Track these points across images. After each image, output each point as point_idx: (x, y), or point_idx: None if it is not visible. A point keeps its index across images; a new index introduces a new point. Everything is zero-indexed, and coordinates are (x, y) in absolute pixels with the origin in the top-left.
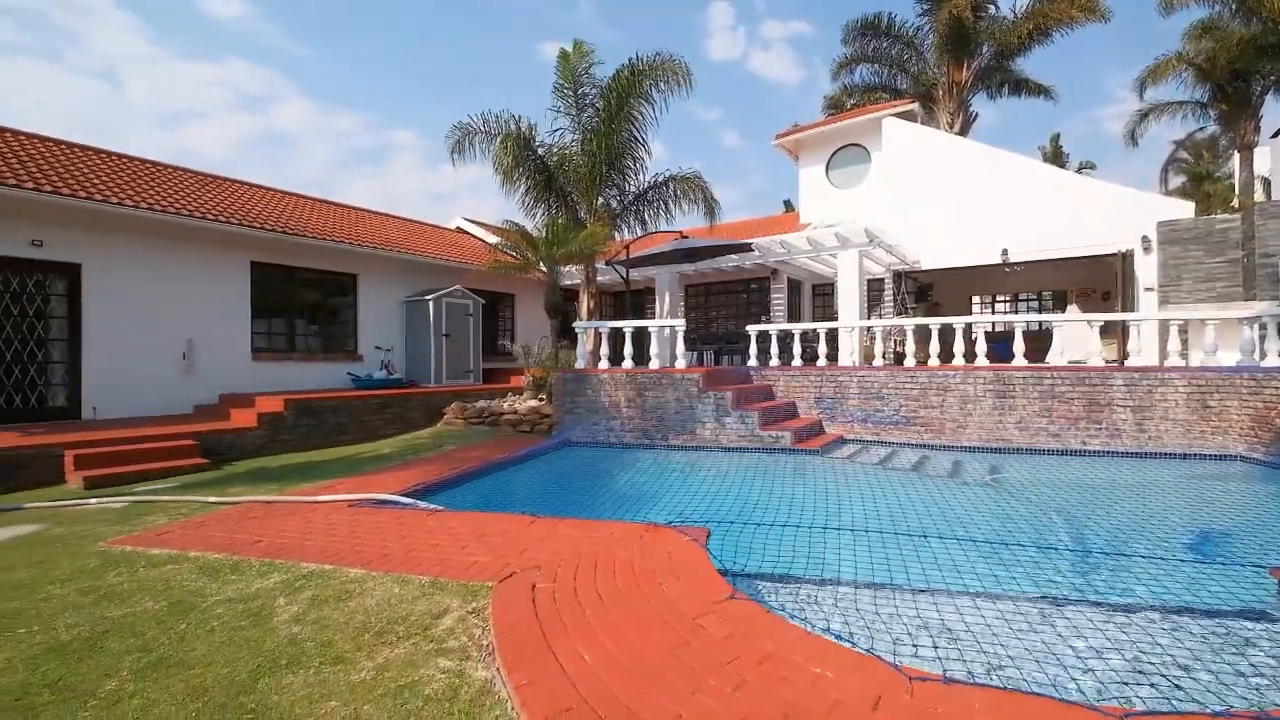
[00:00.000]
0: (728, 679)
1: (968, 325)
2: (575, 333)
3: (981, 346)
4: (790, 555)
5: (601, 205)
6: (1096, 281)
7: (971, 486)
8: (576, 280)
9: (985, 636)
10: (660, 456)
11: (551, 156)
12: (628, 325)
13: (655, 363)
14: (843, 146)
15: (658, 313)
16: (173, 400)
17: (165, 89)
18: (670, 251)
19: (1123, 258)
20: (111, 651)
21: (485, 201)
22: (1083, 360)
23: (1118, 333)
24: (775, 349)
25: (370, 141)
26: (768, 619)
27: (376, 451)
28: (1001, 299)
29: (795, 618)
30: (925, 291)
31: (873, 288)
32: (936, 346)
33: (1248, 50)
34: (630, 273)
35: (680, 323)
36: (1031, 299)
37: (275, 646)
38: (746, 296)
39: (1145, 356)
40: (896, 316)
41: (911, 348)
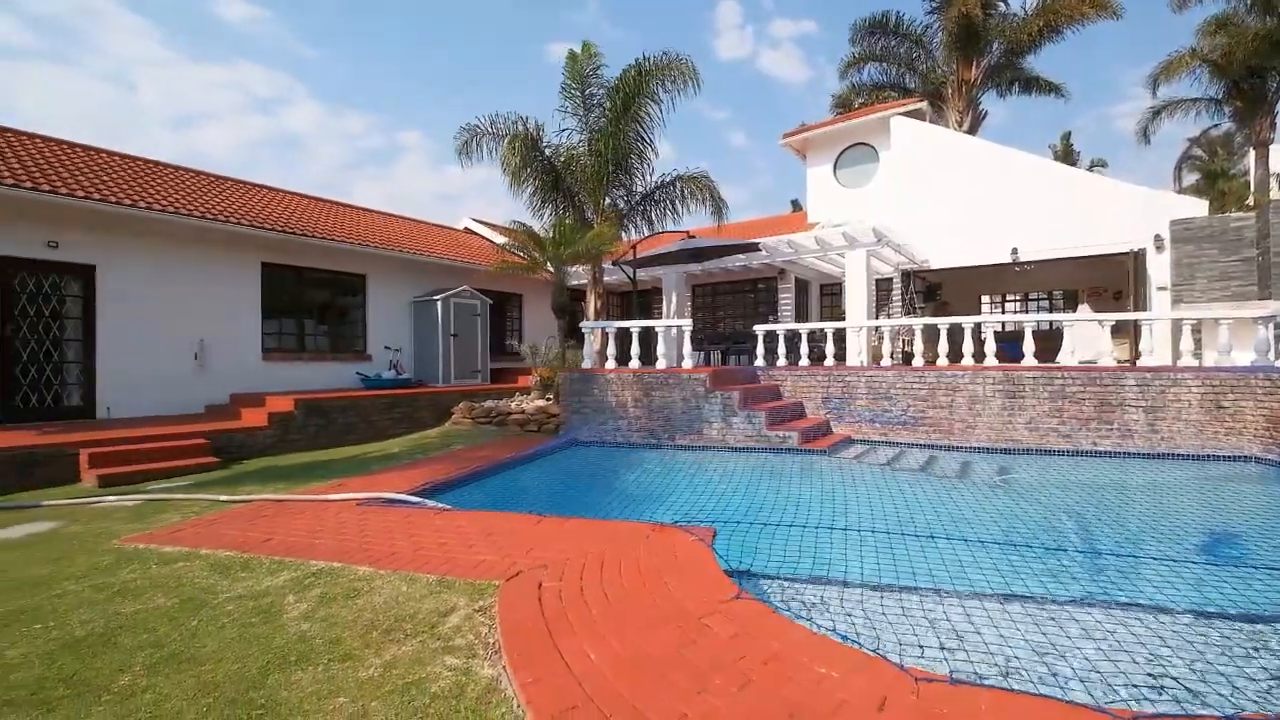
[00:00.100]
0: (733, 678)
1: (977, 325)
2: (582, 333)
3: (991, 346)
4: (797, 555)
5: (609, 205)
6: (1108, 281)
7: (980, 487)
8: (584, 280)
9: (993, 638)
10: (667, 456)
11: (559, 157)
12: (635, 325)
13: (662, 362)
14: (850, 146)
15: (665, 313)
16: (185, 400)
17: (177, 92)
18: (677, 251)
19: (1135, 257)
20: (125, 647)
21: (493, 203)
22: (1094, 360)
23: (1130, 332)
24: (783, 349)
25: (378, 143)
26: (773, 619)
27: (385, 451)
28: (1011, 298)
29: (801, 618)
30: (934, 291)
31: (881, 287)
32: (945, 346)
33: (1264, 46)
34: (637, 273)
35: (687, 323)
36: (1042, 298)
37: (285, 643)
38: (754, 296)
39: (1158, 356)
40: (905, 316)
41: (920, 347)
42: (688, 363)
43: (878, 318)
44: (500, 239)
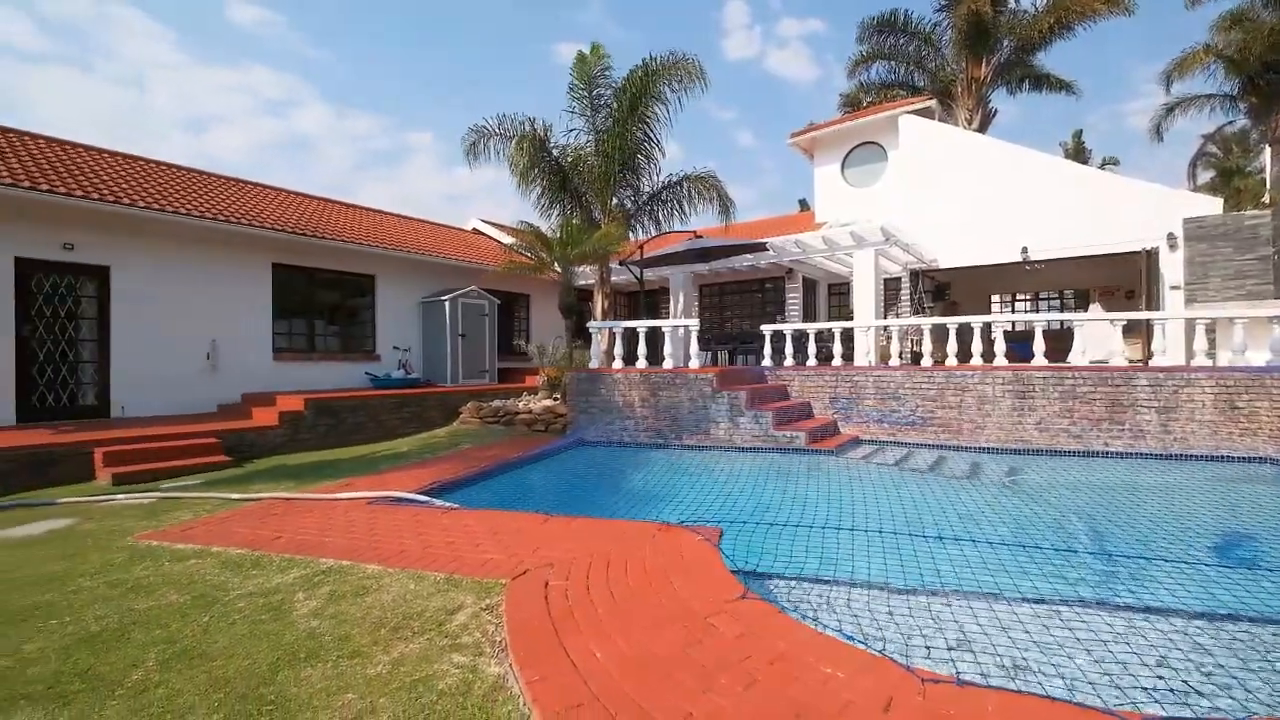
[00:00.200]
0: (739, 678)
1: (986, 325)
2: (589, 333)
3: (1000, 346)
4: (804, 556)
5: (616, 205)
6: (1120, 280)
7: (989, 488)
8: (591, 280)
9: (1001, 640)
10: (674, 456)
11: (566, 157)
12: (642, 325)
13: (669, 362)
14: (858, 145)
15: (672, 312)
16: (197, 399)
17: (188, 95)
18: (684, 251)
19: (1147, 255)
20: (138, 643)
21: (501, 204)
22: (1105, 360)
23: (1142, 332)
24: (790, 349)
25: (386, 144)
26: (780, 619)
27: (394, 450)
28: (1021, 298)
29: (808, 618)
30: (943, 290)
31: (889, 287)
32: (954, 346)
33: None
34: (644, 273)
35: (694, 322)
36: (1053, 298)
37: (294, 640)
38: (761, 296)
39: (1171, 356)
40: (913, 316)
41: (929, 347)
42: (694, 363)
43: (886, 317)
44: (508, 239)
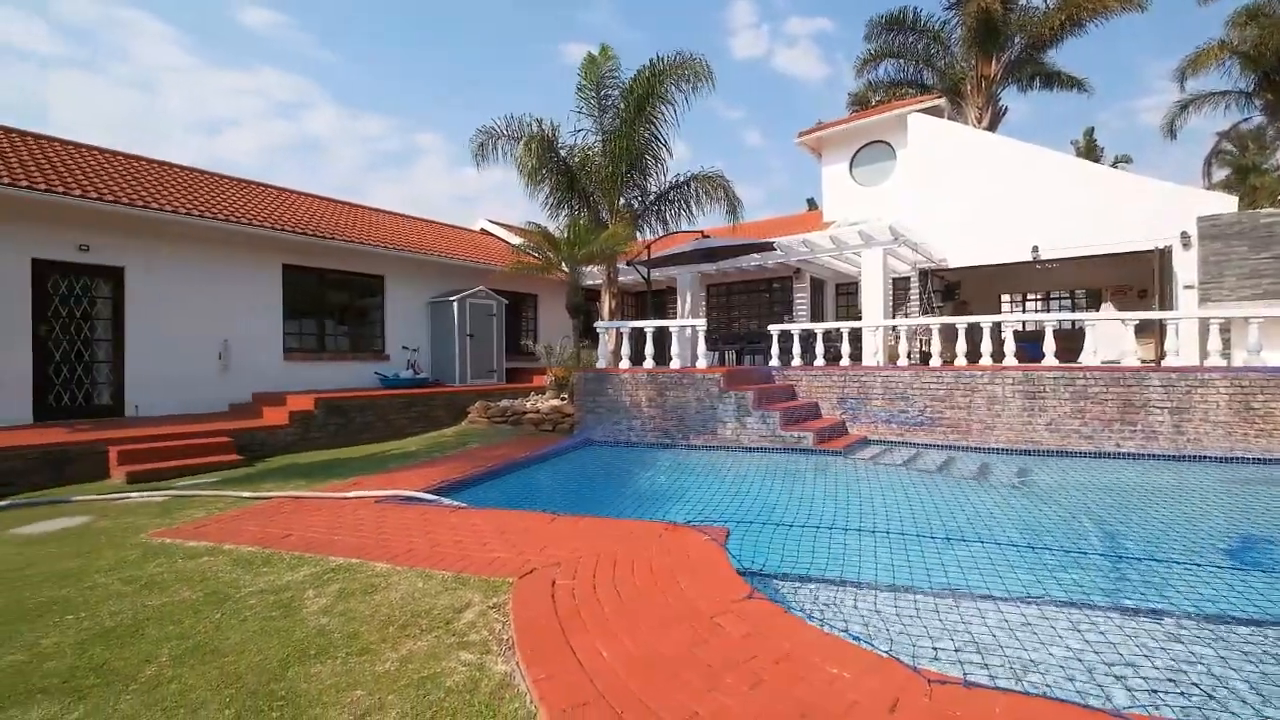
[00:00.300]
0: (744, 677)
1: (996, 324)
2: (597, 333)
3: (1010, 346)
4: (810, 556)
5: (623, 205)
6: (1133, 279)
7: (998, 489)
8: (598, 280)
9: (1009, 641)
10: (680, 456)
11: (574, 158)
12: (649, 325)
13: (676, 362)
14: (867, 144)
15: (679, 312)
16: (209, 399)
17: (200, 97)
18: (692, 251)
19: (1160, 254)
20: (151, 638)
21: (510, 204)
22: (1117, 360)
23: (1155, 332)
24: (798, 349)
25: (395, 145)
26: (786, 619)
27: (402, 449)
28: (1032, 297)
29: (814, 618)
30: (952, 290)
31: (898, 286)
32: (963, 346)
33: None
34: (651, 273)
35: (701, 322)
36: (1064, 297)
37: (304, 637)
38: (769, 296)
39: (1184, 356)
40: (922, 316)
41: (937, 347)
42: (702, 363)
43: (894, 317)
44: (516, 240)
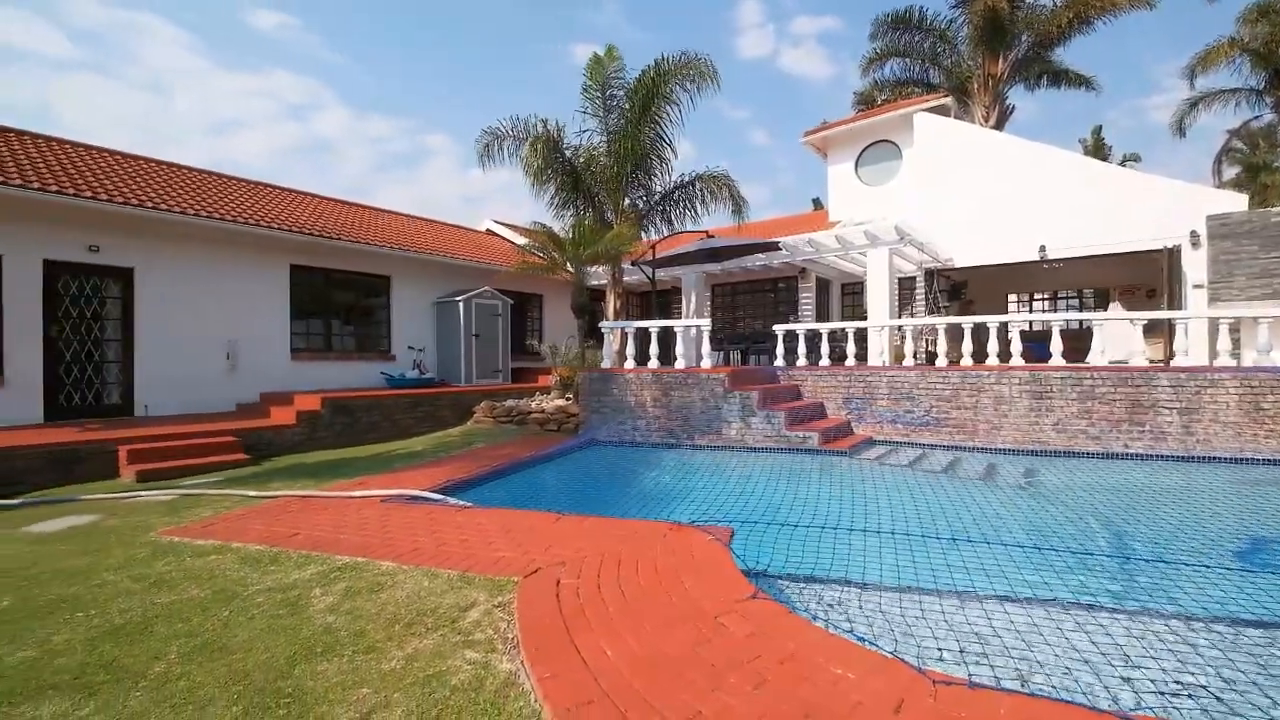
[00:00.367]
0: (748, 677)
1: (1002, 324)
2: (602, 333)
3: (1017, 346)
4: (815, 557)
5: (628, 206)
6: (1141, 278)
7: (1005, 489)
8: (603, 280)
9: (1015, 643)
10: (685, 456)
11: (579, 158)
12: (654, 325)
13: (681, 362)
14: (873, 143)
15: (684, 312)
16: (217, 398)
17: (210, 99)
18: (696, 251)
19: (1169, 253)
20: (160, 636)
21: (515, 205)
22: (1125, 360)
23: (1164, 332)
24: (803, 349)
25: (405, 147)
26: (790, 619)
27: (408, 449)
28: (1039, 297)
29: (819, 619)
30: (958, 290)
31: (904, 286)
32: (970, 346)
33: None
34: (656, 273)
35: (706, 322)
36: (1071, 297)
37: (311, 635)
38: (774, 296)
39: (1193, 356)
40: (928, 315)
41: (944, 347)
42: (707, 362)
43: (900, 317)
44: (521, 240)
